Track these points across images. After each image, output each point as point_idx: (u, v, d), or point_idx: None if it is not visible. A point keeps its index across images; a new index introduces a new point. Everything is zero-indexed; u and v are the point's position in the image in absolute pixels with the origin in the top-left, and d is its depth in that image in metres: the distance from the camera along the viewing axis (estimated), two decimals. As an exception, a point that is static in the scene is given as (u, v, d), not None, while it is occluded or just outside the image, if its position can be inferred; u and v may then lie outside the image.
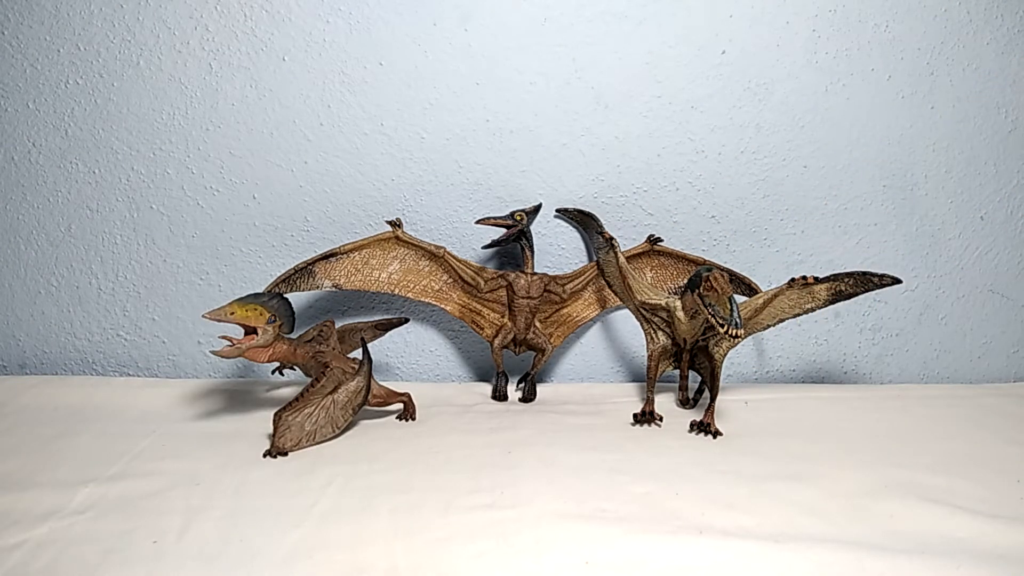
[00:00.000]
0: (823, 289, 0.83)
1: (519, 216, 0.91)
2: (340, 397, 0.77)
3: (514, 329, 0.94)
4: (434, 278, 0.95)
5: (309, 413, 0.76)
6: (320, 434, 0.76)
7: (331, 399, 0.77)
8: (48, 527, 0.58)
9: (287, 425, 0.74)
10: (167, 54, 0.93)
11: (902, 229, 1.04)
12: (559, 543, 0.58)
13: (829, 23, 0.97)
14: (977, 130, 1.02)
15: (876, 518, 0.63)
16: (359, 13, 0.93)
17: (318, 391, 0.76)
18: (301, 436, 0.75)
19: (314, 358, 0.78)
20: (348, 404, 0.78)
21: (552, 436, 0.81)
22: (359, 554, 0.56)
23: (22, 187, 0.96)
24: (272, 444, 0.74)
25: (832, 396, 0.97)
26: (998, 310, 1.07)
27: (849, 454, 0.77)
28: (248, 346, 0.73)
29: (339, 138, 0.96)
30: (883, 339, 1.06)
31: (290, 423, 0.74)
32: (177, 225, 0.97)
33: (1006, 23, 0.99)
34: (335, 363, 0.77)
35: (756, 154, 1.00)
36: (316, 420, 0.76)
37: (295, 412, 0.75)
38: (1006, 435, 0.84)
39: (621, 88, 0.97)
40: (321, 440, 0.76)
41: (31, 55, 0.93)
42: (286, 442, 0.74)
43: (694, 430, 0.84)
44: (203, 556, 0.55)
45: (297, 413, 0.75)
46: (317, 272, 0.90)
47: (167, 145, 0.95)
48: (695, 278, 0.78)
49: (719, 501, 0.65)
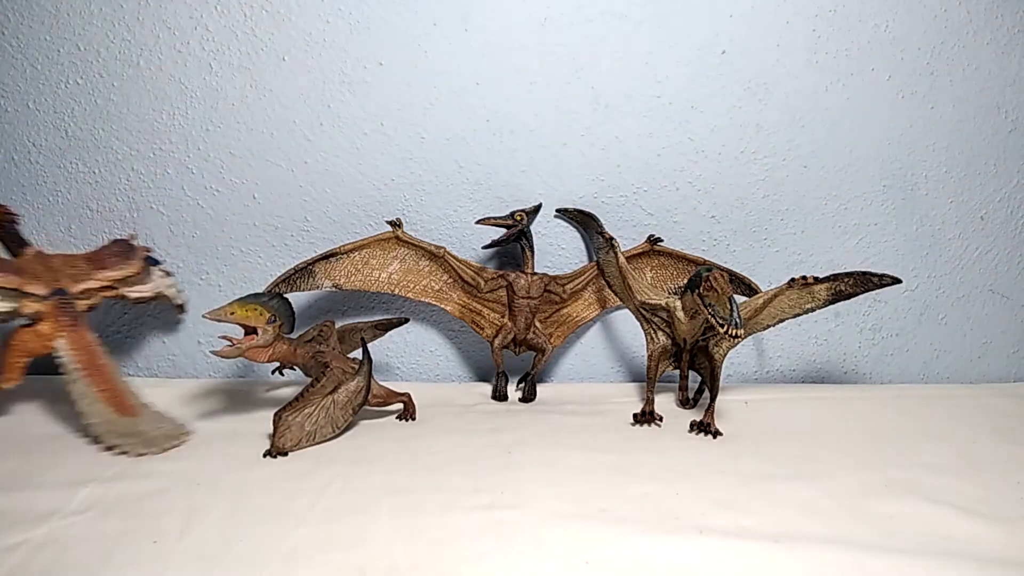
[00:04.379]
0: (823, 289, 0.83)
1: (519, 216, 0.91)
2: (340, 397, 0.77)
3: (514, 329, 0.94)
4: (434, 278, 0.95)
5: (309, 413, 0.75)
6: (320, 434, 0.76)
7: (331, 399, 0.77)
8: (48, 527, 0.58)
9: (287, 425, 0.74)
10: (167, 54, 0.93)
11: (902, 229, 1.04)
12: (559, 543, 0.58)
13: (829, 23, 0.97)
14: (977, 130, 1.02)
15: (876, 518, 0.63)
16: (359, 13, 0.93)
17: (318, 391, 0.76)
18: (301, 436, 0.75)
19: (314, 358, 0.78)
20: (348, 404, 0.78)
21: (552, 436, 0.81)
22: (359, 554, 0.56)
23: (22, 187, 0.96)
24: (272, 444, 0.74)
25: (832, 396, 0.97)
26: (998, 310, 1.07)
27: (849, 454, 0.77)
28: (248, 346, 0.73)
29: (339, 138, 0.96)
30: (883, 339, 1.06)
31: (290, 423, 0.74)
32: (177, 225, 0.97)
33: (1006, 23, 0.99)
34: (335, 363, 0.77)
35: (756, 154, 1.00)
36: (316, 420, 0.76)
37: (295, 412, 0.75)
38: (1006, 435, 0.84)
39: (621, 88, 0.97)
40: (321, 440, 0.76)
41: (31, 55, 0.93)
42: (286, 442, 0.74)
43: (694, 430, 0.84)
44: (203, 556, 0.55)
45: (297, 413, 0.75)
46: (317, 272, 0.90)
47: (167, 145, 0.95)
48: (695, 278, 0.78)
49: (719, 501, 0.66)
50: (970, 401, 0.96)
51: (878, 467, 0.73)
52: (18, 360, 0.72)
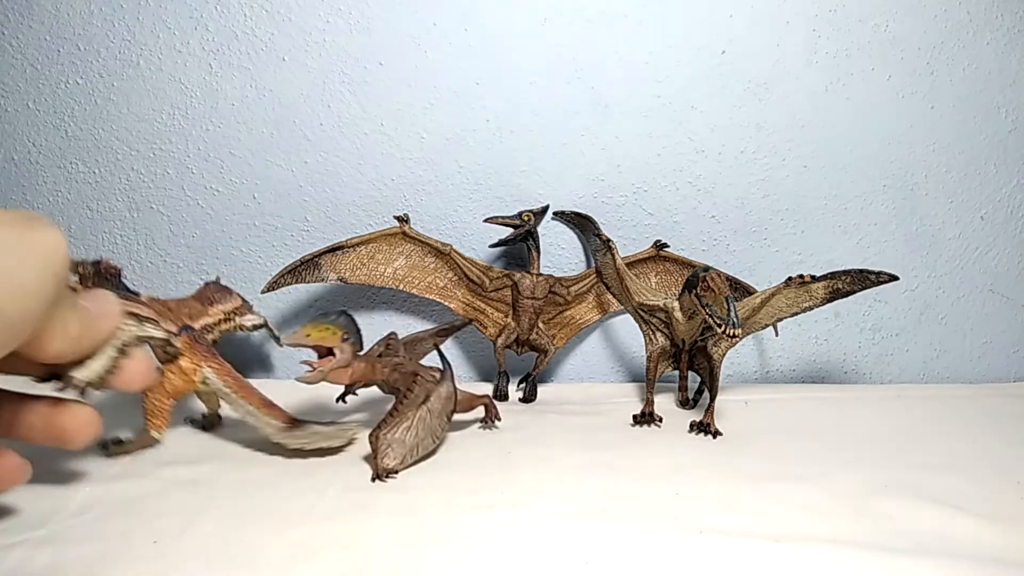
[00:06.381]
0: (820, 287, 0.83)
1: (527, 216, 0.92)
2: (434, 406, 0.72)
3: (517, 329, 0.94)
4: (439, 275, 0.95)
5: (408, 427, 0.70)
6: (422, 447, 0.72)
7: (425, 409, 0.72)
8: (48, 527, 0.58)
9: (387, 443, 0.69)
10: (167, 54, 0.93)
11: (902, 229, 1.04)
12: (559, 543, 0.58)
13: (829, 23, 0.97)
14: (977, 130, 1.02)
15: (876, 518, 0.63)
16: (359, 13, 0.93)
17: (411, 403, 0.71)
18: (404, 452, 0.70)
19: (396, 371, 0.74)
20: (443, 412, 0.73)
21: (552, 436, 0.81)
22: (359, 554, 0.56)
23: (22, 187, 0.96)
24: (377, 467, 0.69)
25: (832, 396, 0.97)
26: (998, 310, 1.07)
27: (849, 454, 0.77)
28: (330, 367, 0.68)
29: (339, 138, 0.96)
30: (883, 339, 1.06)
31: (391, 441, 0.70)
32: (177, 225, 0.97)
33: (1006, 23, 0.99)
34: (421, 373, 0.74)
35: (756, 154, 1.00)
36: (416, 433, 0.71)
37: (392, 429, 0.70)
38: (1006, 435, 0.84)
39: (621, 88, 0.97)
40: (424, 454, 0.72)
41: (31, 55, 0.93)
42: (390, 461, 0.69)
43: (694, 430, 0.84)
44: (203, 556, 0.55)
45: (395, 429, 0.70)
46: (323, 265, 0.91)
47: (167, 145, 0.96)
48: (692, 278, 0.78)
49: (719, 501, 0.65)
50: (970, 401, 0.96)
51: (878, 467, 0.73)
52: (165, 403, 0.71)
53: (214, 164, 0.96)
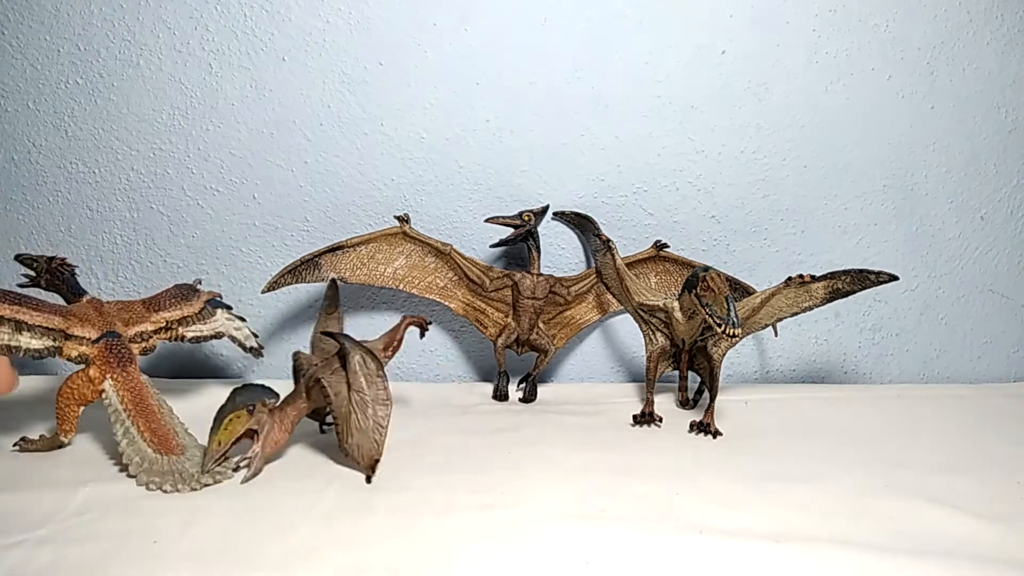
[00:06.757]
0: (820, 287, 0.83)
1: (527, 217, 0.92)
2: (358, 382, 0.70)
3: (518, 329, 0.94)
4: (439, 275, 0.95)
5: (356, 419, 0.70)
6: (381, 415, 0.70)
7: (354, 393, 0.70)
8: (48, 527, 0.58)
9: (355, 447, 0.69)
10: (167, 54, 0.93)
11: (902, 229, 1.04)
12: (559, 543, 0.58)
13: (829, 23, 0.97)
14: (977, 130, 1.02)
15: (876, 518, 0.63)
16: (359, 13, 0.93)
17: (340, 402, 0.70)
18: (372, 438, 0.69)
19: (309, 392, 0.73)
20: (371, 374, 0.71)
21: (552, 436, 0.81)
22: (359, 554, 0.56)
23: (22, 187, 0.96)
24: (363, 470, 0.69)
25: (832, 396, 0.97)
26: (998, 310, 1.07)
27: (849, 454, 0.77)
28: (262, 447, 0.68)
29: (339, 138, 0.96)
30: (883, 339, 1.06)
31: (355, 443, 0.69)
32: (177, 225, 0.97)
33: (1006, 23, 0.99)
34: (321, 373, 0.72)
35: (756, 154, 1.00)
36: (366, 415, 0.70)
37: (347, 434, 0.70)
38: (1006, 435, 0.84)
39: (621, 88, 0.97)
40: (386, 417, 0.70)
41: (31, 55, 0.93)
42: (368, 456, 0.69)
43: (694, 430, 0.84)
44: (203, 556, 0.55)
45: (350, 432, 0.70)
46: (323, 264, 0.91)
47: (167, 145, 0.95)
48: (692, 278, 0.78)
49: (719, 501, 0.65)
50: (970, 401, 0.96)
51: (878, 467, 0.73)
52: (72, 410, 0.71)
53: (214, 164, 0.96)
